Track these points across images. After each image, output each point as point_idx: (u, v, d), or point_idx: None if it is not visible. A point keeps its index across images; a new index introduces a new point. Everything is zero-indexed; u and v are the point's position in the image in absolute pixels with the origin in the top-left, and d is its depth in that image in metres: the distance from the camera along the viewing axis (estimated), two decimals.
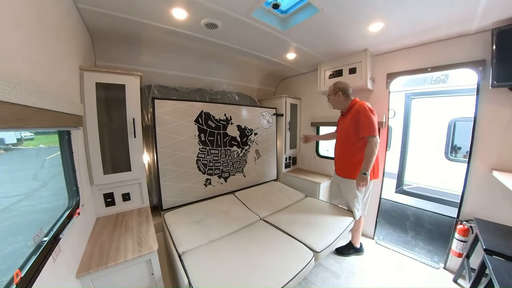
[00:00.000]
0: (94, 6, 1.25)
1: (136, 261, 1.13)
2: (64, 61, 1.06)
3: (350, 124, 1.68)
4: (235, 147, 2.39)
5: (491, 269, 1.07)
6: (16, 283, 0.55)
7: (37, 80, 0.76)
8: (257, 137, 2.60)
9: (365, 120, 1.58)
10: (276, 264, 1.23)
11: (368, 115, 1.58)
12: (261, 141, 2.66)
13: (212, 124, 2.14)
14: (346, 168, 1.80)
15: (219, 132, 2.20)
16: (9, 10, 0.60)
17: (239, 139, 2.41)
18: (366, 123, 1.57)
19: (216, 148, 2.21)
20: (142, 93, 1.86)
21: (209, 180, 2.18)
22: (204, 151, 2.11)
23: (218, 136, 2.20)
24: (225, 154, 2.30)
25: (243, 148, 2.48)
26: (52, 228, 0.87)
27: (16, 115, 0.55)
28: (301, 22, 1.51)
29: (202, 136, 2.08)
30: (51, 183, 1.06)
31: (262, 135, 2.66)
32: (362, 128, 1.60)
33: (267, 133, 2.71)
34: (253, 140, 2.57)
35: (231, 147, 2.35)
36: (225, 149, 2.29)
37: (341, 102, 1.78)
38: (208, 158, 2.15)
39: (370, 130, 1.56)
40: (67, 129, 1.06)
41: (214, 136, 2.17)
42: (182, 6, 1.30)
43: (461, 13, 1.33)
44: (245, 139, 2.47)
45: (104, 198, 1.53)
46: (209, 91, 2.50)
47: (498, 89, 1.43)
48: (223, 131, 2.25)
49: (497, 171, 1.43)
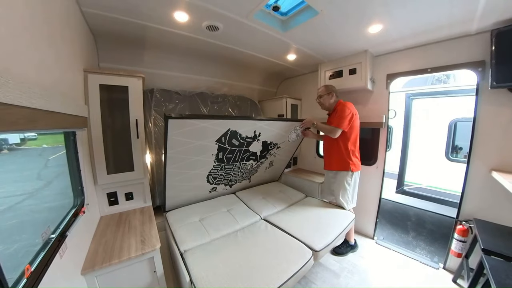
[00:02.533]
0: (97, 9, 1.28)
1: (139, 259, 1.16)
2: (69, 63, 1.09)
3: (334, 120, 1.86)
4: (252, 161, 2.14)
5: (488, 269, 1.08)
6: (27, 276, 0.58)
7: (45, 83, 0.79)
8: (278, 150, 2.28)
9: (339, 113, 1.82)
10: (276, 263, 1.26)
11: (343, 110, 1.80)
12: (280, 154, 2.38)
13: (236, 142, 1.77)
14: (334, 161, 1.95)
15: (240, 149, 1.89)
16: (17, 14, 0.63)
17: (258, 154, 2.11)
18: (338, 116, 1.80)
19: (232, 163, 1.97)
20: (144, 97, 1.83)
21: (215, 188, 2.14)
22: (218, 167, 1.89)
23: (238, 153, 1.91)
24: (238, 168, 2.10)
25: (259, 161, 2.24)
26: (59, 226, 0.90)
27: (27, 118, 0.58)
28: (301, 24, 1.53)
29: (220, 155, 1.77)
30: (56, 182, 1.09)
31: (285, 148, 2.33)
32: (334, 119, 1.83)
33: (290, 145, 2.36)
34: (273, 153, 2.28)
35: (248, 161, 2.10)
36: (240, 163, 2.06)
37: (332, 102, 1.93)
38: (220, 172, 1.97)
39: (337, 121, 1.79)
40: (73, 130, 1.09)
41: (234, 153, 1.87)
42: (184, 9, 1.32)
43: (460, 14, 1.34)
44: (265, 153, 2.18)
45: (107, 197, 1.57)
46: (210, 94, 2.53)
47: (498, 90, 1.44)
48: (245, 148, 1.92)
49: (496, 172, 1.44)
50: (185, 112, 2.28)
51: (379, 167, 2.20)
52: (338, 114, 1.81)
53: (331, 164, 1.98)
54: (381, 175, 2.18)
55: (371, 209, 2.27)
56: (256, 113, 2.97)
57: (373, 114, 2.16)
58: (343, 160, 1.87)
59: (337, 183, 1.96)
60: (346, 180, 1.90)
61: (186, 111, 2.28)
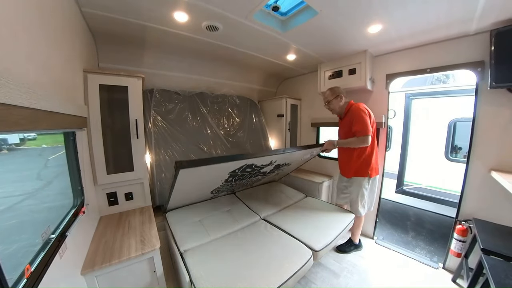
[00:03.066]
0: (97, 10, 1.28)
1: (139, 259, 1.16)
2: (69, 64, 1.09)
3: (350, 126, 1.75)
4: (259, 176, 2.05)
5: (488, 268, 1.09)
6: (27, 276, 0.58)
7: (45, 84, 0.79)
8: (287, 166, 2.17)
9: (358, 119, 1.69)
10: (276, 263, 1.26)
11: (361, 115, 1.68)
12: (288, 168, 2.29)
13: (249, 169, 1.68)
14: (353, 168, 1.84)
15: (252, 172, 1.80)
16: (17, 15, 0.63)
17: (268, 172, 2.01)
18: (358, 122, 1.68)
19: (240, 180, 1.90)
20: (144, 97, 1.82)
21: (217, 194, 2.10)
22: (225, 184, 1.84)
23: (248, 175, 1.83)
24: (246, 181, 2.03)
25: (267, 176, 2.19)
26: (59, 226, 0.90)
27: (28, 118, 0.58)
28: (300, 24, 1.53)
29: (230, 179, 1.71)
30: (55, 182, 1.09)
31: (294, 163, 2.23)
32: (355, 127, 1.70)
33: (300, 161, 2.26)
34: (282, 168, 2.16)
35: (255, 177, 2.01)
36: (248, 180, 1.99)
37: (342, 105, 1.83)
38: (226, 187, 1.93)
39: (362, 129, 1.66)
40: (73, 130, 1.09)
41: (244, 176, 1.81)
42: (184, 9, 1.32)
43: (459, 14, 1.34)
44: (275, 171, 2.11)
45: (107, 197, 1.57)
46: (210, 95, 2.53)
47: (497, 90, 1.44)
48: (258, 171, 1.83)
49: (496, 172, 1.44)
50: (185, 112, 2.28)
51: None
52: (357, 120, 1.68)
53: (349, 171, 1.87)
54: (380, 174, 2.19)
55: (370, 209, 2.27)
56: (255, 113, 2.97)
57: (373, 114, 2.16)
58: (363, 165, 1.78)
59: (354, 187, 1.87)
60: (364, 185, 1.82)
61: (186, 112, 2.29)
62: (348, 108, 1.80)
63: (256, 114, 2.96)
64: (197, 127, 2.35)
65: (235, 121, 2.75)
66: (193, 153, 2.23)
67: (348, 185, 1.96)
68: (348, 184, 1.95)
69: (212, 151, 2.40)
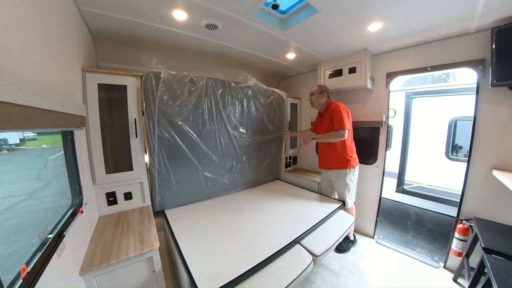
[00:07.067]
0: (95, 8, 1.27)
1: (138, 259, 1.15)
2: (67, 62, 1.08)
3: (329, 121, 1.92)
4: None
5: (490, 267, 1.08)
6: (23, 277, 0.57)
7: (42, 82, 0.78)
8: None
9: (337, 116, 1.85)
10: (277, 266, 1.24)
11: (340, 111, 1.84)
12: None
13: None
14: (334, 160, 1.98)
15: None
16: (14, 13, 0.62)
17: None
18: (337, 118, 1.85)
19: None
20: (145, 86, 1.53)
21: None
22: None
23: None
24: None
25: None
26: (56, 226, 0.89)
27: (23, 116, 0.57)
28: (300, 22, 1.52)
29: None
30: (54, 182, 1.08)
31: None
32: (335, 122, 1.86)
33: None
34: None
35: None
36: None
37: (323, 102, 2.00)
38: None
39: (340, 123, 1.83)
40: (71, 129, 1.08)
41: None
42: (183, 8, 1.31)
43: (460, 12, 1.33)
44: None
45: (106, 197, 1.55)
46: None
47: (498, 88, 1.43)
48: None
49: (497, 170, 1.44)
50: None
51: (379, 166, 2.20)
52: (336, 116, 1.85)
53: (331, 163, 2.02)
54: (381, 174, 2.18)
55: (371, 208, 2.27)
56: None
57: (373, 113, 2.16)
58: (343, 158, 1.93)
59: (340, 181, 1.99)
60: (349, 177, 1.96)
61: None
62: (329, 106, 1.97)
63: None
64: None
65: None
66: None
67: (334, 180, 2.05)
68: (334, 179, 2.05)
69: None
